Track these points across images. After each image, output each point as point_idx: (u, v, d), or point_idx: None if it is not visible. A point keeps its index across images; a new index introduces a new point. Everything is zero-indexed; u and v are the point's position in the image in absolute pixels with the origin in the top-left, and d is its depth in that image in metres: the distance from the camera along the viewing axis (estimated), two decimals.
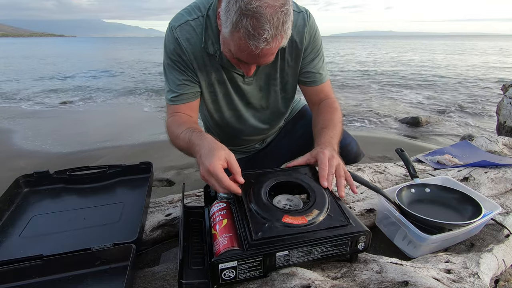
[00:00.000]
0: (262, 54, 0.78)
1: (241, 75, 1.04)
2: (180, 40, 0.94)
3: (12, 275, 0.63)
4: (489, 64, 12.89)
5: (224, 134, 1.24)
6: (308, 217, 0.65)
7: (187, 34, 0.94)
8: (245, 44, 0.75)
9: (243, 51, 0.78)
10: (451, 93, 6.86)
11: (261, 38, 0.73)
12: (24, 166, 2.62)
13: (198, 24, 0.94)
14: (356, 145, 1.31)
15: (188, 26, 0.94)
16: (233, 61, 0.88)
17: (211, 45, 0.95)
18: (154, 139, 3.44)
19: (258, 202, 0.69)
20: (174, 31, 0.95)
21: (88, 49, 32.27)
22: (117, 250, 0.68)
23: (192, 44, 0.95)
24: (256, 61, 0.84)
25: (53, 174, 1.01)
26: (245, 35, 0.73)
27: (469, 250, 0.81)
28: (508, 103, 2.36)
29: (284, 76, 1.08)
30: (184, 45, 0.95)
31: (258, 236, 0.60)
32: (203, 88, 1.05)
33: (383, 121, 4.49)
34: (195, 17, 0.94)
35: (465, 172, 1.19)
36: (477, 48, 28.59)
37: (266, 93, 1.12)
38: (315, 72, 1.08)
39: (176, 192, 1.17)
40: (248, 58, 0.81)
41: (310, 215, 0.66)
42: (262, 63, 0.85)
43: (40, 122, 4.36)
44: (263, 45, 0.74)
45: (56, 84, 8.15)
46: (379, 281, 0.63)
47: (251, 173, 0.80)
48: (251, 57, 0.80)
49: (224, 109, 1.13)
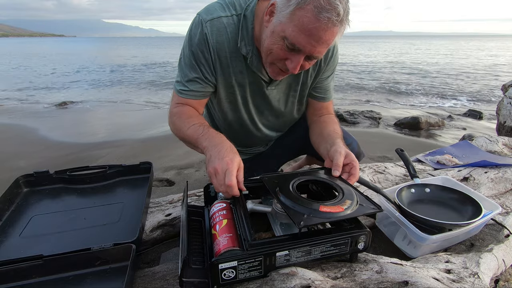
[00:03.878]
0: (325, 37, 0.74)
1: (265, 81, 1.01)
2: (209, 36, 0.90)
3: (12, 275, 0.63)
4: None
5: (233, 134, 1.23)
6: (344, 206, 0.67)
7: (217, 31, 0.90)
8: (314, 19, 0.71)
9: (306, 30, 0.73)
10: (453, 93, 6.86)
11: (334, 11, 0.70)
12: (24, 166, 2.62)
13: (231, 22, 0.90)
14: (357, 145, 1.31)
15: (219, 23, 0.90)
16: (281, 54, 0.81)
17: (244, 46, 0.91)
18: (154, 139, 3.44)
19: (290, 197, 0.69)
20: (204, 25, 0.90)
21: (106, 48, 32.26)
22: (117, 250, 0.68)
23: (220, 43, 0.91)
24: (314, 47, 0.77)
25: (53, 174, 1.01)
26: (316, 8, 0.70)
27: (469, 250, 0.81)
28: (508, 103, 2.36)
29: (304, 89, 1.09)
30: (212, 42, 0.90)
31: (301, 224, 0.60)
32: (222, 88, 1.02)
33: (383, 121, 4.49)
34: (229, 15, 0.90)
35: (465, 172, 1.19)
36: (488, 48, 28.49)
37: (284, 103, 1.12)
38: (327, 89, 1.10)
39: (176, 192, 1.17)
40: (307, 42, 0.75)
41: (344, 204, 0.68)
42: (316, 53, 0.79)
43: (39, 122, 4.36)
44: (335, 18, 0.71)
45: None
46: (379, 281, 0.63)
47: (273, 175, 0.82)
48: (312, 39, 0.75)
49: (242, 111, 1.11)
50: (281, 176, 0.81)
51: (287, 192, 0.72)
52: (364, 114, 4.68)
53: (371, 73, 10.44)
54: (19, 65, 13.05)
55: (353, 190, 0.75)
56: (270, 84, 1.02)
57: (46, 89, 7.28)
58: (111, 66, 12.62)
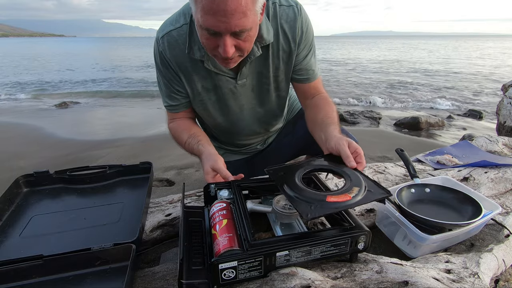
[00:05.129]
0: (230, 8, 0.70)
1: (231, 77, 1.00)
2: (164, 52, 0.95)
3: (12, 275, 0.63)
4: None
5: (221, 135, 1.24)
6: (351, 194, 0.66)
7: (169, 45, 0.93)
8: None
9: (209, 11, 0.71)
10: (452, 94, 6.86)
11: None
12: (23, 166, 2.62)
13: (182, 33, 0.92)
14: None
15: (170, 37, 0.93)
16: (210, 43, 0.80)
17: (197, 51, 0.91)
18: (154, 139, 3.44)
19: (297, 189, 0.69)
20: (158, 43, 0.95)
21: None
22: (117, 250, 0.68)
23: (176, 56, 0.94)
24: (226, 23, 0.73)
25: (53, 174, 1.01)
26: None
27: (469, 250, 0.81)
28: (508, 103, 2.36)
29: (279, 74, 1.05)
30: (168, 56, 0.95)
31: (308, 217, 0.59)
32: (191, 97, 1.04)
33: (383, 121, 4.49)
34: (178, 26, 0.92)
35: (465, 172, 1.19)
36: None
37: (259, 92, 1.08)
38: (308, 69, 1.06)
39: (176, 192, 1.17)
40: (216, 20, 0.72)
41: (352, 192, 0.67)
42: (233, 27, 0.74)
43: (39, 122, 4.36)
44: None
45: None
46: (379, 281, 0.63)
47: (278, 167, 0.81)
48: (218, 16, 0.71)
49: (216, 115, 1.11)
50: (286, 168, 0.81)
51: (293, 184, 0.71)
52: (364, 114, 4.68)
53: (371, 73, 10.44)
54: (18, 64, 13.05)
55: (360, 176, 0.74)
56: (237, 78, 0.99)
57: (47, 89, 7.28)
58: (111, 66, 12.61)
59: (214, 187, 0.82)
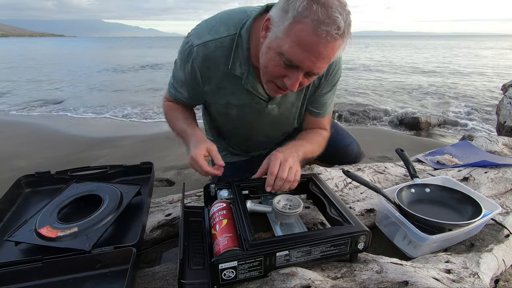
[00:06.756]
0: (325, 53, 0.70)
1: (264, 100, 0.98)
2: (195, 61, 0.89)
3: (12, 277, 0.63)
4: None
5: (232, 136, 1.24)
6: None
7: (204, 56, 0.88)
8: (312, 33, 0.67)
9: (304, 46, 0.69)
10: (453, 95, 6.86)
11: (334, 24, 0.66)
12: (24, 167, 2.62)
13: (220, 45, 0.87)
14: (357, 145, 1.31)
15: (207, 49, 0.87)
16: (278, 71, 0.77)
17: (238, 67, 0.88)
18: (154, 139, 3.44)
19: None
20: (191, 50, 0.89)
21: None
22: (117, 253, 0.68)
23: (208, 67, 0.90)
24: (313, 63, 0.73)
25: (54, 174, 1.02)
26: (314, 22, 0.66)
27: (469, 250, 0.81)
28: (508, 103, 2.36)
29: (305, 102, 1.05)
30: (199, 66, 0.90)
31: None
32: (214, 107, 1.04)
33: (383, 120, 4.49)
34: (217, 37, 0.86)
35: (465, 172, 1.19)
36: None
37: (284, 118, 1.09)
38: (323, 105, 1.06)
39: (176, 192, 1.17)
40: (305, 57, 0.71)
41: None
42: (316, 69, 0.75)
43: (39, 122, 4.36)
44: (335, 32, 0.67)
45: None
46: (379, 281, 0.63)
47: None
48: (311, 55, 0.71)
49: (233, 125, 1.10)
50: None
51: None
52: (364, 114, 4.68)
53: (372, 73, 10.43)
54: (19, 65, 13.07)
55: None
56: (270, 101, 0.99)
57: (46, 89, 7.28)
58: (111, 66, 12.62)
59: (214, 187, 0.82)
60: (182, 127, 0.99)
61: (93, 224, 0.76)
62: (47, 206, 0.83)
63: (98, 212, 0.79)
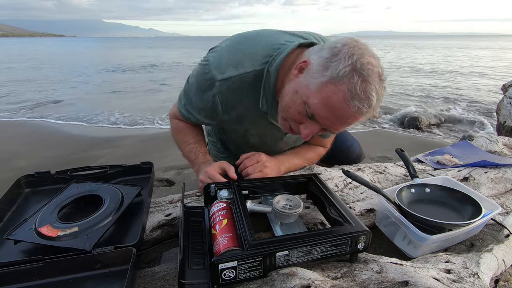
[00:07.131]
0: (349, 121, 0.71)
1: (283, 132, 0.99)
2: (219, 96, 0.88)
3: (12, 277, 0.63)
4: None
5: (238, 148, 1.24)
6: None
7: (229, 92, 0.86)
8: (343, 102, 0.67)
9: (331, 108, 0.69)
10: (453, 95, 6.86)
11: (367, 102, 0.67)
12: (24, 166, 2.62)
13: (246, 80, 0.85)
14: (359, 146, 1.31)
15: (232, 84, 0.85)
16: (297, 117, 0.77)
17: (265, 103, 0.88)
18: (154, 139, 3.44)
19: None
20: (214, 84, 0.86)
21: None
22: (117, 253, 0.67)
23: (233, 100, 0.89)
24: (334, 125, 0.73)
25: (54, 174, 1.01)
26: (349, 92, 0.66)
27: (469, 250, 0.81)
28: (508, 103, 2.36)
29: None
30: (221, 100, 0.89)
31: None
32: (228, 129, 1.07)
33: (383, 120, 4.49)
34: (242, 72, 0.84)
35: (465, 172, 1.19)
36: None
37: (300, 141, 1.13)
38: (333, 133, 1.09)
39: (176, 192, 1.17)
40: (328, 118, 0.72)
41: None
42: (334, 129, 0.76)
43: (39, 122, 4.36)
44: (366, 109, 0.68)
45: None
46: (379, 281, 0.63)
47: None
48: (335, 118, 0.71)
49: (248, 146, 1.12)
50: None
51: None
52: None
53: None
54: (19, 66, 13.06)
55: None
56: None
57: (47, 89, 7.28)
58: (112, 66, 12.62)
59: (214, 187, 0.82)
60: (194, 152, 1.04)
61: (94, 224, 0.76)
62: (47, 205, 0.82)
63: (98, 212, 0.79)
